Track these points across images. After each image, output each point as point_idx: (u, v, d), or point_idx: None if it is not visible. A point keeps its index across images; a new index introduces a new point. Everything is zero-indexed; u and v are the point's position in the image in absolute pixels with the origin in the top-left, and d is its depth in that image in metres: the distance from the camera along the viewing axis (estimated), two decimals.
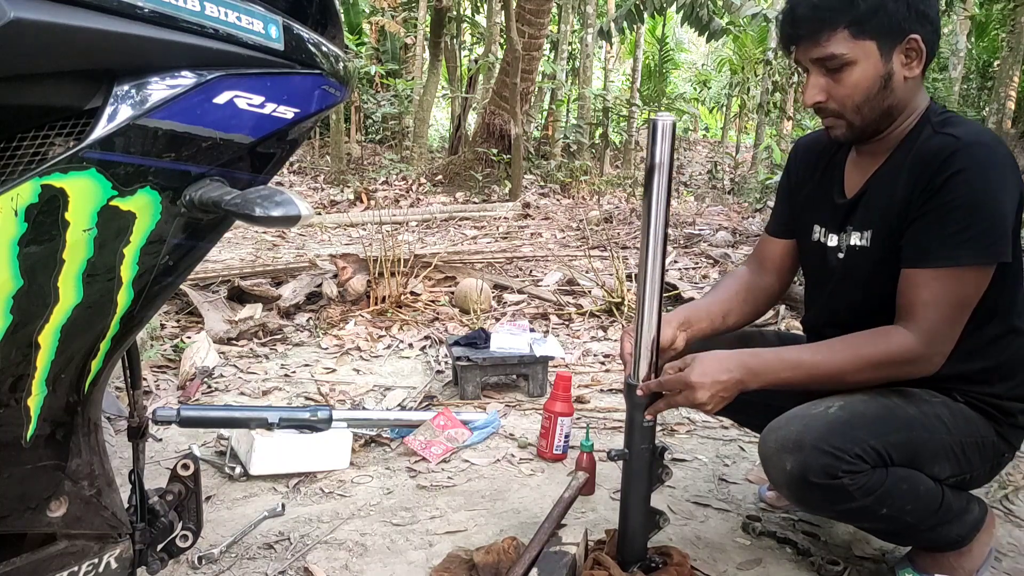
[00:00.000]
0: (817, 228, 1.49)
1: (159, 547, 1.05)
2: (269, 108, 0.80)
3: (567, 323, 3.51)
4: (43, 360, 0.76)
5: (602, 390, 2.61)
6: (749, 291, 1.59)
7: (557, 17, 13.28)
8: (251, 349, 2.91)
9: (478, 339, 2.59)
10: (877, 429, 1.25)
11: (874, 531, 1.45)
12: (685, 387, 1.25)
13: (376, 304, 3.45)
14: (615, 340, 3.25)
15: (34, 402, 0.78)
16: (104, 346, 0.82)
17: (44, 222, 0.69)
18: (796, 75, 12.21)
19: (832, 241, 1.44)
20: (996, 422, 1.36)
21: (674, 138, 1.23)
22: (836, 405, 1.28)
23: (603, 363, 2.93)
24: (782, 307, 3.69)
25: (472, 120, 12.05)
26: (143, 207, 0.75)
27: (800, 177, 1.56)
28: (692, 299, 3.60)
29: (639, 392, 1.28)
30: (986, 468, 1.38)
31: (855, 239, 1.39)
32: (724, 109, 18.07)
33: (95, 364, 0.83)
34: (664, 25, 15.76)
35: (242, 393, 2.47)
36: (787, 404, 1.37)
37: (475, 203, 8.19)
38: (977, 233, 1.21)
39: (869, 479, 1.23)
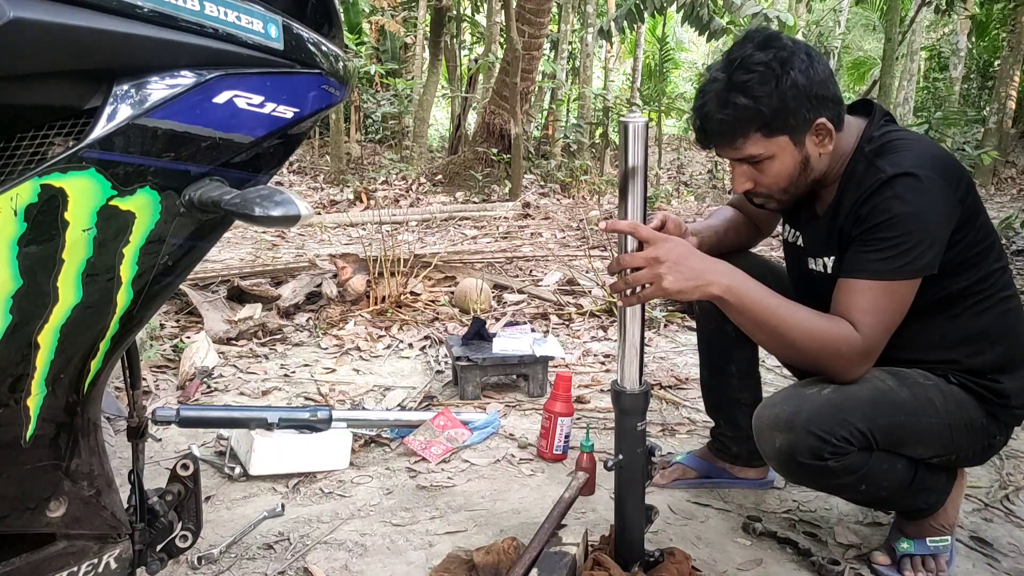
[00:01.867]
0: (787, 228, 1.59)
1: (159, 547, 1.05)
2: (269, 108, 0.80)
3: (567, 323, 3.51)
4: (43, 360, 0.76)
5: (602, 390, 2.61)
6: (742, 226, 1.72)
7: (557, 17, 13.27)
8: (251, 349, 2.91)
9: (476, 330, 2.59)
10: (866, 412, 1.32)
11: (851, 499, 1.54)
12: (652, 240, 1.24)
13: (376, 304, 3.45)
14: (615, 340, 3.25)
15: (34, 402, 0.78)
16: (104, 346, 0.82)
17: (44, 222, 0.69)
18: None
19: (804, 253, 1.54)
20: (988, 404, 1.41)
21: (647, 138, 1.23)
22: (830, 386, 1.35)
23: (603, 363, 2.93)
24: None
25: (472, 120, 12.05)
26: (143, 207, 0.75)
27: None
28: None
29: (603, 226, 1.30)
30: (976, 449, 1.45)
31: (815, 263, 1.50)
32: None
33: (95, 364, 0.83)
34: (664, 25, 15.75)
35: (242, 393, 2.47)
36: None
37: (475, 203, 8.19)
38: (903, 251, 1.29)
39: (854, 461, 1.32)
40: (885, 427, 1.32)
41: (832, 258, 1.45)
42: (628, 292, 1.26)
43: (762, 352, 1.78)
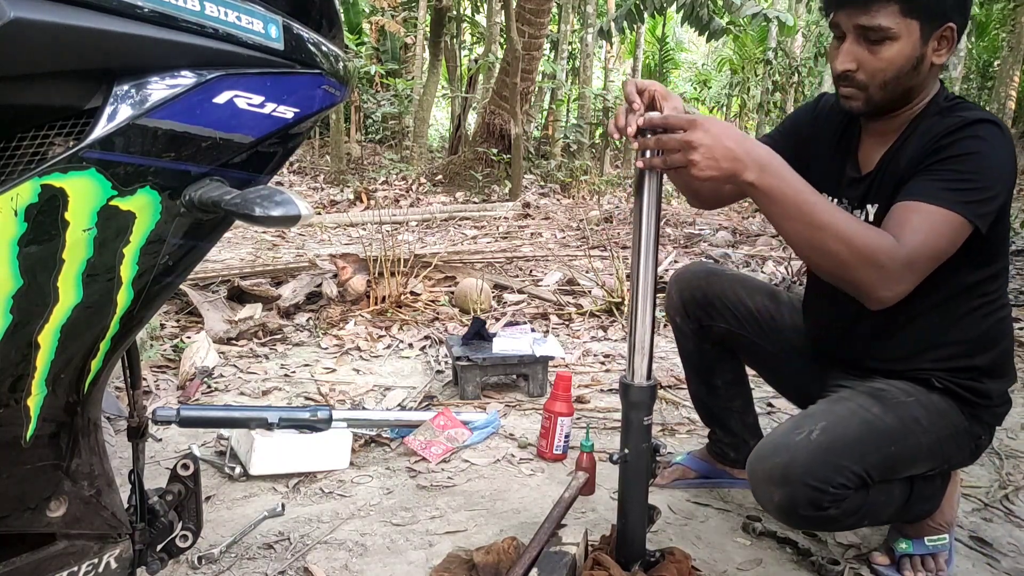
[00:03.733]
0: (825, 197, 1.50)
1: (159, 547, 1.05)
2: (269, 108, 0.80)
3: (567, 323, 3.51)
4: (43, 360, 0.76)
5: (602, 390, 2.61)
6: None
7: (557, 17, 13.28)
8: (251, 349, 2.91)
9: (476, 330, 2.59)
10: (857, 452, 1.30)
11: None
12: (690, 124, 1.16)
13: (376, 304, 3.45)
14: (615, 340, 3.25)
15: (34, 402, 0.78)
16: (104, 346, 0.82)
17: (44, 222, 0.69)
18: (796, 75, 12.22)
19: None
20: (972, 406, 1.41)
21: None
22: (818, 428, 1.31)
23: (603, 363, 2.93)
24: None
25: (472, 120, 12.05)
26: (143, 207, 0.75)
27: (816, 134, 1.54)
28: None
29: (640, 123, 1.19)
30: (965, 453, 1.45)
31: (859, 215, 1.43)
32: (724, 109, 18.07)
33: (95, 364, 0.83)
34: (664, 25, 15.77)
35: (242, 393, 2.47)
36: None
37: (475, 203, 8.19)
38: (968, 188, 1.24)
39: (853, 502, 1.31)
40: (878, 462, 1.31)
41: (876, 206, 1.39)
42: (659, 163, 1.19)
43: None
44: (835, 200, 1.48)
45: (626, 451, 1.31)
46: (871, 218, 1.40)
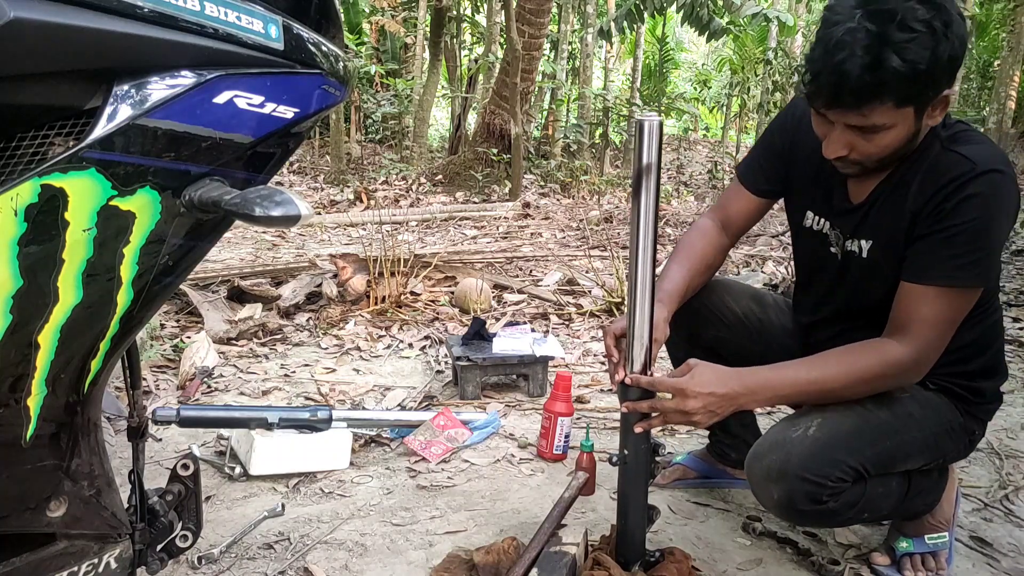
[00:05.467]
0: (810, 215, 1.50)
1: (159, 547, 1.05)
2: (269, 108, 0.80)
3: (567, 323, 3.51)
4: (43, 360, 0.76)
5: (602, 390, 2.61)
6: (715, 255, 1.60)
7: (557, 17, 13.28)
8: (251, 349, 2.91)
9: (476, 330, 2.60)
10: (854, 446, 1.31)
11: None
12: (678, 392, 1.27)
13: (376, 304, 3.45)
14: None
15: (34, 402, 0.78)
16: (104, 346, 0.82)
17: (44, 222, 0.69)
18: (796, 75, 12.22)
19: (832, 238, 1.47)
20: (965, 403, 1.43)
21: (662, 138, 1.22)
22: (815, 424, 1.33)
23: (603, 363, 2.93)
24: None
25: (472, 120, 12.05)
26: (143, 207, 0.75)
27: (795, 148, 1.50)
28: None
29: (627, 381, 1.29)
30: (960, 448, 1.47)
31: (851, 245, 1.42)
32: (724, 109, 18.05)
33: (95, 364, 0.83)
34: (664, 25, 15.76)
35: (242, 393, 2.47)
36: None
37: (475, 203, 8.18)
38: (978, 258, 1.25)
39: (851, 496, 1.32)
40: (874, 455, 1.32)
41: (871, 243, 1.37)
42: (659, 423, 1.31)
43: None
44: (826, 223, 1.46)
45: (625, 452, 1.31)
46: (864, 253, 1.39)
